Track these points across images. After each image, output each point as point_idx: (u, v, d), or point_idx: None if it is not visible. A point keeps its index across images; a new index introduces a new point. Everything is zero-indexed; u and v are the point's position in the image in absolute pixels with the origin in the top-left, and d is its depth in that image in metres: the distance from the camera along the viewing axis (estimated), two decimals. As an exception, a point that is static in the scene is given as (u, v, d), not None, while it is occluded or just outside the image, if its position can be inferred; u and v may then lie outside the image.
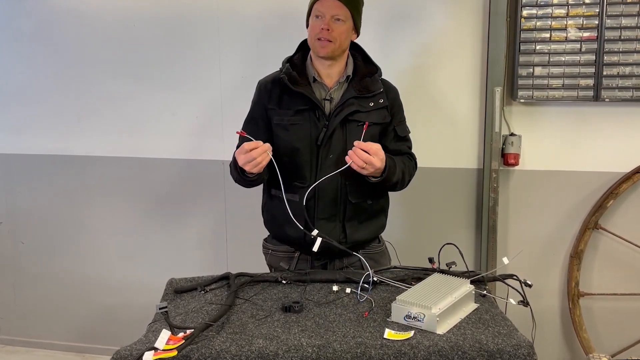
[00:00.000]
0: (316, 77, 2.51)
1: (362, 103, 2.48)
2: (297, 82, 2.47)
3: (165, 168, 3.74)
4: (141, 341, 1.87)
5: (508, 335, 1.87)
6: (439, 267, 2.30)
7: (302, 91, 2.45)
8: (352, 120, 2.46)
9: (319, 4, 2.45)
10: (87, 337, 4.06)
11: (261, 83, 2.60)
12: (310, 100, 2.45)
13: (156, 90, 3.65)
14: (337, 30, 2.43)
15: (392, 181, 2.43)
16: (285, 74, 2.48)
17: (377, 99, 2.51)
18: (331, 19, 2.42)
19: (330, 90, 2.51)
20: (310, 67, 2.54)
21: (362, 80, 2.51)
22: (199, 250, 3.82)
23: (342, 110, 2.45)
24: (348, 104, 2.46)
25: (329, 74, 2.52)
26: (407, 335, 1.85)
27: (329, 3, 2.43)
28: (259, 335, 1.87)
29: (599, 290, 3.42)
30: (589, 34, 3.09)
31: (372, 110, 2.49)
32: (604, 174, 3.28)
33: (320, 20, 2.43)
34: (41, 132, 3.86)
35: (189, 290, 2.25)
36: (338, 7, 2.43)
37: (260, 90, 2.57)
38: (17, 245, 4.05)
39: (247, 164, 2.26)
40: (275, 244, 2.66)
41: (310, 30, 2.47)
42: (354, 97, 2.46)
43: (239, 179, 2.45)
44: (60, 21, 3.70)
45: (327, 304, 2.12)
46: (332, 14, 2.42)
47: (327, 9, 2.43)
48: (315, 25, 2.44)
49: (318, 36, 2.42)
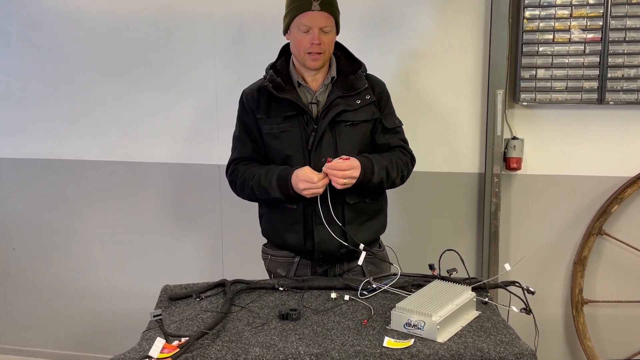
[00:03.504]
0: (301, 82, 2.51)
1: (349, 102, 2.47)
2: (282, 89, 2.47)
3: (159, 172, 3.72)
4: (135, 350, 1.86)
5: (510, 343, 1.86)
6: (439, 274, 2.28)
7: (289, 97, 2.45)
8: (341, 121, 2.46)
9: (304, 17, 2.41)
10: (80, 345, 4.04)
11: (247, 93, 2.58)
12: (297, 105, 2.45)
13: (150, 93, 3.64)
14: (325, 42, 2.43)
15: (372, 182, 2.42)
16: (269, 82, 2.47)
17: (363, 95, 2.50)
18: (319, 32, 2.40)
19: (315, 93, 2.51)
20: (294, 72, 2.53)
21: (346, 79, 2.51)
22: (194, 257, 3.80)
23: (329, 112, 2.45)
24: (334, 104, 2.46)
25: (315, 78, 2.53)
26: (407, 343, 1.85)
27: (316, 15, 2.40)
28: (255, 344, 1.86)
29: (603, 298, 3.40)
30: (593, 36, 3.07)
31: (359, 108, 2.49)
32: (608, 179, 3.27)
33: (307, 34, 2.41)
34: (32, 136, 3.84)
35: (183, 297, 2.26)
36: (325, 19, 2.42)
37: (248, 100, 2.55)
38: (8, 251, 4.03)
39: (306, 190, 2.32)
40: (274, 249, 2.66)
41: (298, 44, 2.44)
42: (340, 97, 2.46)
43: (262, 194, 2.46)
44: (51, 22, 3.67)
45: (325, 311, 2.11)
46: (320, 27, 2.40)
47: (314, 22, 2.40)
48: (303, 40, 2.41)
49: (309, 50, 2.41)
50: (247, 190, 2.50)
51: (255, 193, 2.47)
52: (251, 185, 2.47)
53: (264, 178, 2.43)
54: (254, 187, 2.46)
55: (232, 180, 2.58)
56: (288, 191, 2.37)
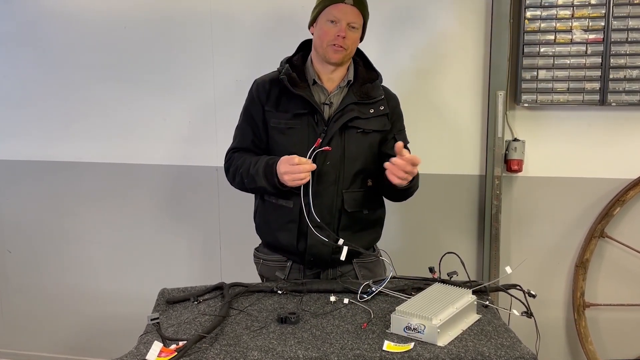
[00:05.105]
0: (316, 80, 2.48)
1: (362, 109, 2.45)
2: (296, 84, 2.44)
3: (156, 174, 3.71)
4: (132, 353, 1.85)
5: (511, 347, 1.85)
6: (439, 277, 2.28)
7: (302, 94, 2.42)
8: (352, 127, 2.43)
9: (335, 8, 2.39)
10: (77, 349, 4.02)
11: (258, 82, 2.55)
12: (310, 103, 2.42)
13: (147, 94, 3.62)
14: (351, 38, 2.41)
15: (413, 189, 2.45)
16: (285, 75, 2.44)
17: (378, 105, 2.48)
18: (347, 26, 2.39)
19: (330, 95, 2.48)
20: (310, 69, 2.50)
21: (362, 86, 2.49)
22: (191, 260, 3.79)
23: (341, 116, 2.42)
24: (348, 109, 2.42)
25: (331, 77, 2.49)
26: (407, 347, 1.84)
27: (347, 9, 2.39)
28: (253, 348, 1.85)
29: (605, 301, 3.40)
30: (594, 36, 3.06)
31: (371, 118, 2.47)
32: (610, 181, 3.26)
33: (335, 25, 2.39)
34: (28, 138, 3.82)
35: (181, 300, 2.24)
36: (355, 15, 2.41)
37: (258, 90, 2.52)
38: (4, 254, 4.01)
39: (287, 175, 2.24)
40: (266, 253, 2.63)
41: (323, 34, 2.41)
42: (354, 103, 2.44)
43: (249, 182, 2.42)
44: (48, 23, 3.66)
45: (324, 314, 2.10)
46: (348, 21, 2.39)
47: (344, 15, 2.39)
48: (329, 30, 2.39)
49: (333, 42, 2.39)
50: (238, 178, 2.47)
51: (244, 181, 2.44)
52: (241, 172, 2.45)
53: (253, 166, 2.39)
54: (244, 175, 2.43)
55: (227, 168, 2.55)
56: (273, 180, 2.31)
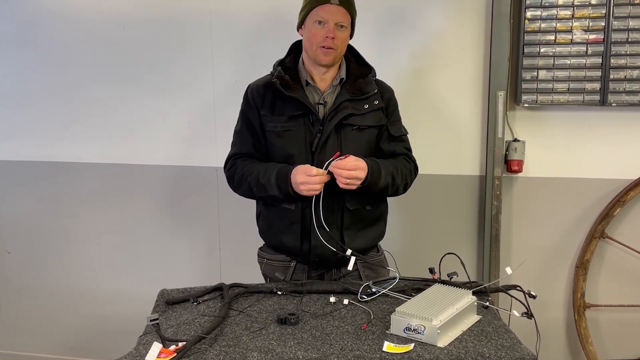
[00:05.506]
0: (309, 81, 2.48)
1: (357, 106, 2.45)
2: (289, 87, 2.44)
3: (156, 175, 3.70)
4: (131, 354, 1.85)
5: (511, 348, 1.85)
6: (439, 278, 2.28)
7: (295, 96, 2.42)
8: (347, 125, 2.43)
9: (321, 9, 2.39)
10: (76, 350, 4.01)
11: (252, 87, 2.55)
12: (304, 105, 2.42)
13: (147, 95, 3.61)
14: (340, 38, 2.41)
15: (378, 185, 2.38)
16: (278, 78, 2.44)
17: (372, 100, 2.48)
18: (335, 26, 2.38)
19: (323, 94, 2.48)
20: (302, 71, 2.51)
21: (355, 82, 2.49)
22: (191, 260, 3.78)
23: (336, 115, 2.42)
24: (342, 107, 2.43)
25: (323, 78, 2.50)
26: (407, 348, 1.84)
27: (334, 9, 2.39)
28: (253, 348, 1.85)
29: (606, 302, 3.39)
30: (595, 36, 3.05)
31: (366, 113, 2.47)
32: (611, 181, 3.26)
33: (322, 27, 2.39)
34: (28, 138, 3.82)
35: (181, 301, 2.24)
36: (342, 14, 2.41)
37: (253, 95, 2.52)
38: (3, 254, 4.01)
39: (304, 185, 2.27)
40: (270, 253, 2.63)
41: (312, 36, 2.41)
42: (348, 100, 2.44)
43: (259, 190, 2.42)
44: (48, 23, 3.65)
45: (324, 315, 2.10)
46: (336, 21, 2.39)
47: (331, 16, 2.39)
48: (317, 32, 2.40)
49: (322, 44, 2.39)
50: (245, 187, 2.47)
51: (253, 189, 2.44)
52: (249, 181, 2.44)
53: (263, 175, 2.39)
54: (252, 184, 2.43)
55: (230, 175, 2.54)
56: (287, 189, 2.33)
